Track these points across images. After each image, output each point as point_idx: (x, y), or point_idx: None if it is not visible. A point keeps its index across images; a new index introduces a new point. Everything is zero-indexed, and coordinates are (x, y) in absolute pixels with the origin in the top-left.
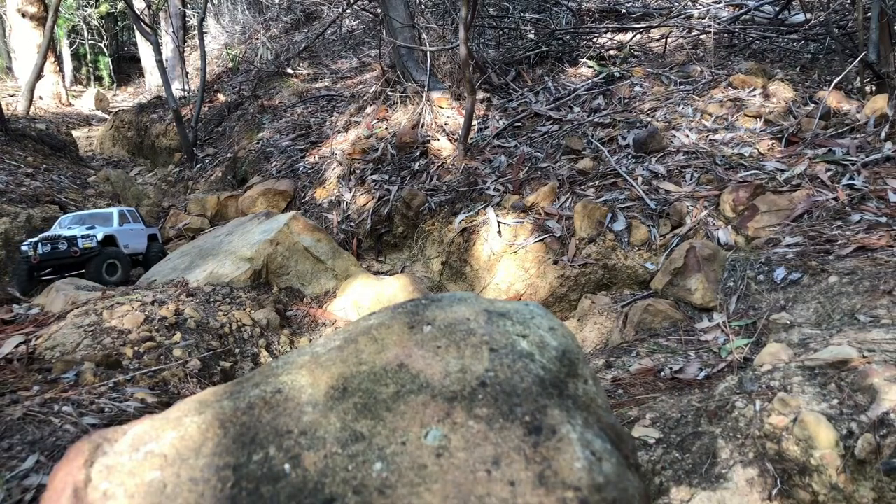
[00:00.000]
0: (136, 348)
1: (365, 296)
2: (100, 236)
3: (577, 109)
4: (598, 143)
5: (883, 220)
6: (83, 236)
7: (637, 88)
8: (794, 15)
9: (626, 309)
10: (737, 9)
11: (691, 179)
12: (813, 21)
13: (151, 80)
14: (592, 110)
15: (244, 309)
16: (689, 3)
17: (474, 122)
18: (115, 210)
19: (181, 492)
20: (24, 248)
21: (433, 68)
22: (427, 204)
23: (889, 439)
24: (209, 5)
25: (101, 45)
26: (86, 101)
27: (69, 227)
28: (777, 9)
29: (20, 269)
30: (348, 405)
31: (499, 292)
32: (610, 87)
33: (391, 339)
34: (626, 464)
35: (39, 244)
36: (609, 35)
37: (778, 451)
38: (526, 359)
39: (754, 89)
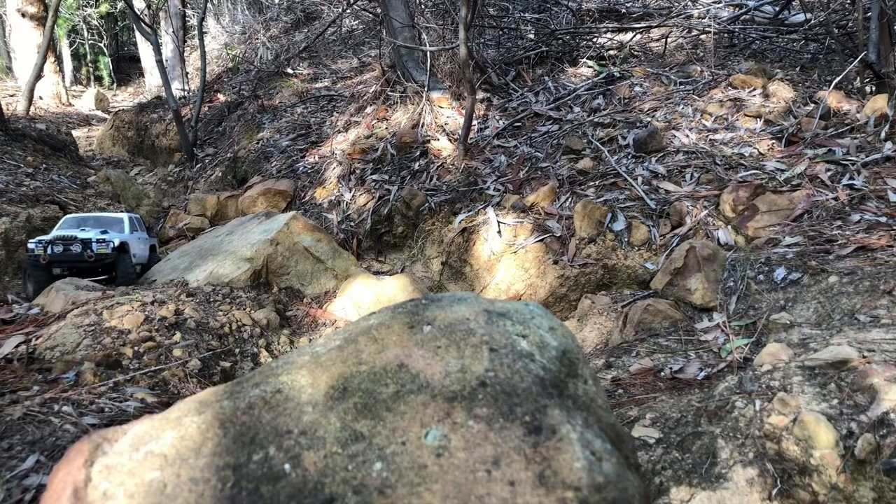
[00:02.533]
0: (136, 348)
1: (365, 296)
2: (116, 242)
3: (577, 109)
4: (598, 143)
5: (883, 220)
6: (98, 241)
7: (637, 88)
8: (794, 15)
9: (626, 309)
10: (737, 9)
11: (691, 179)
12: (813, 21)
13: (151, 80)
14: (592, 110)
15: (244, 309)
16: (689, 3)
17: (474, 122)
18: (125, 216)
19: (181, 492)
20: (31, 245)
21: (433, 68)
22: (427, 204)
23: (889, 439)
24: (209, 5)
25: (101, 45)
26: (86, 101)
27: (81, 230)
28: (777, 9)
29: (34, 268)
30: (348, 405)
31: (499, 292)
32: (610, 87)
33: (391, 339)
34: (626, 464)
35: (51, 244)
36: (609, 35)
37: (778, 451)
38: (526, 359)
39: (754, 89)
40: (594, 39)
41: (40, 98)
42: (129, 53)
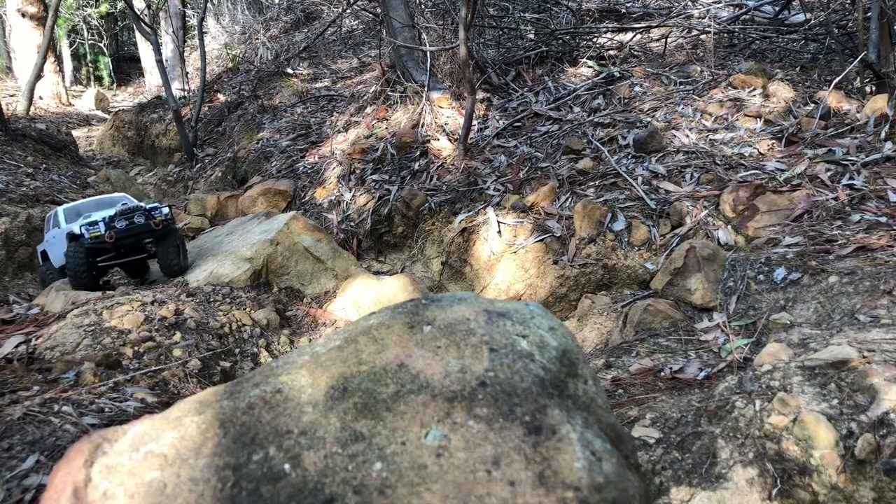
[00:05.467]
0: (136, 348)
1: (365, 296)
2: (165, 210)
3: (577, 109)
4: (598, 143)
5: (883, 220)
6: (152, 208)
7: (637, 88)
8: (794, 15)
9: (626, 309)
10: (737, 9)
11: (691, 179)
12: (813, 21)
13: (151, 80)
14: (592, 110)
15: (244, 309)
16: (689, 3)
17: (474, 122)
18: (124, 195)
19: (181, 492)
20: (81, 230)
21: (433, 68)
22: (427, 204)
23: (889, 439)
24: (209, 5)
25: (101, 45)
26: (86, 101)
27: (88, 215)
28: (777, 9)
29: (91, 254)
30: (348, 405)
31: (499, 292)
32: (610, 87)
33: (391, 339)
34: (626, 464)
35: (115, 220)
36: (609, 35)
37: (778, 451)
38: (526, 359)
39: (754, 89)
40: (594, 39)
41: (40, 98)
42: (129, 53)
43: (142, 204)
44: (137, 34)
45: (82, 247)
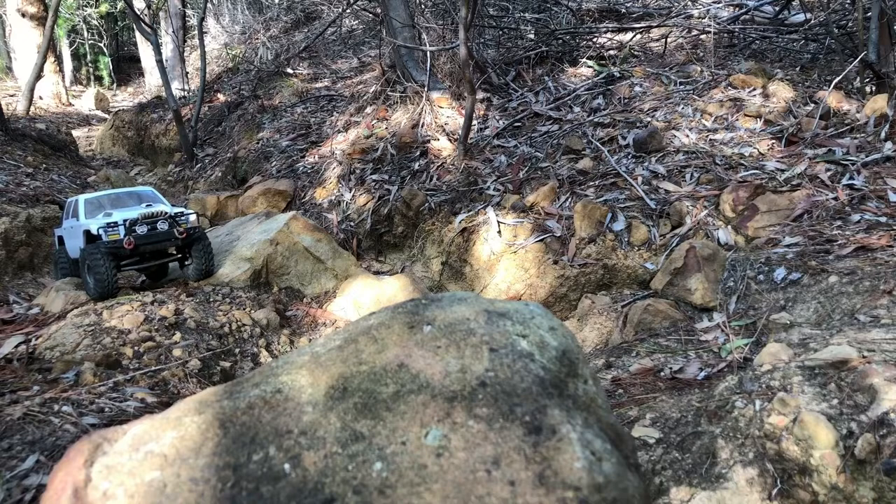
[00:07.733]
0: (136, 348)
1: (365, 296)
2: (192, 217)
3: (577, 109)
4: (598, 143)
5: (883, 220)
6: (179, 214)
7: (637, 88)
8: (794, 15)
9: (626, 309)
10: (737, 9)
11: (691, 179)
12: (813, 21)
13: (151, 80)
14: (592, 110)
15: (244, 309)
16: (689, 3)
17: (474, 122)
18: (150, 189)
19: (181, 492)
20: (98, 231)
21: (433, 68)
22: (427, 204)
23: (889, 439)
24: (209, 5)
25: (101, 45)
26: (86, 101)
27: (109, 212)
28: (777, 9)
29: (108, 258)
30: (348, 405)
31: (499, 292)
32: (610, 87)
33: (391, 339)
34: (626, 464)
35: (137, 225)
36: (609, 35)
37: (778, 451)
38: (526, 359)
39: (754, 89)
40: (594, 39)
41: (40, 98)
42: (129, 53)
43: (167, 209)
44: (137, 34)
45: (100, 251)
